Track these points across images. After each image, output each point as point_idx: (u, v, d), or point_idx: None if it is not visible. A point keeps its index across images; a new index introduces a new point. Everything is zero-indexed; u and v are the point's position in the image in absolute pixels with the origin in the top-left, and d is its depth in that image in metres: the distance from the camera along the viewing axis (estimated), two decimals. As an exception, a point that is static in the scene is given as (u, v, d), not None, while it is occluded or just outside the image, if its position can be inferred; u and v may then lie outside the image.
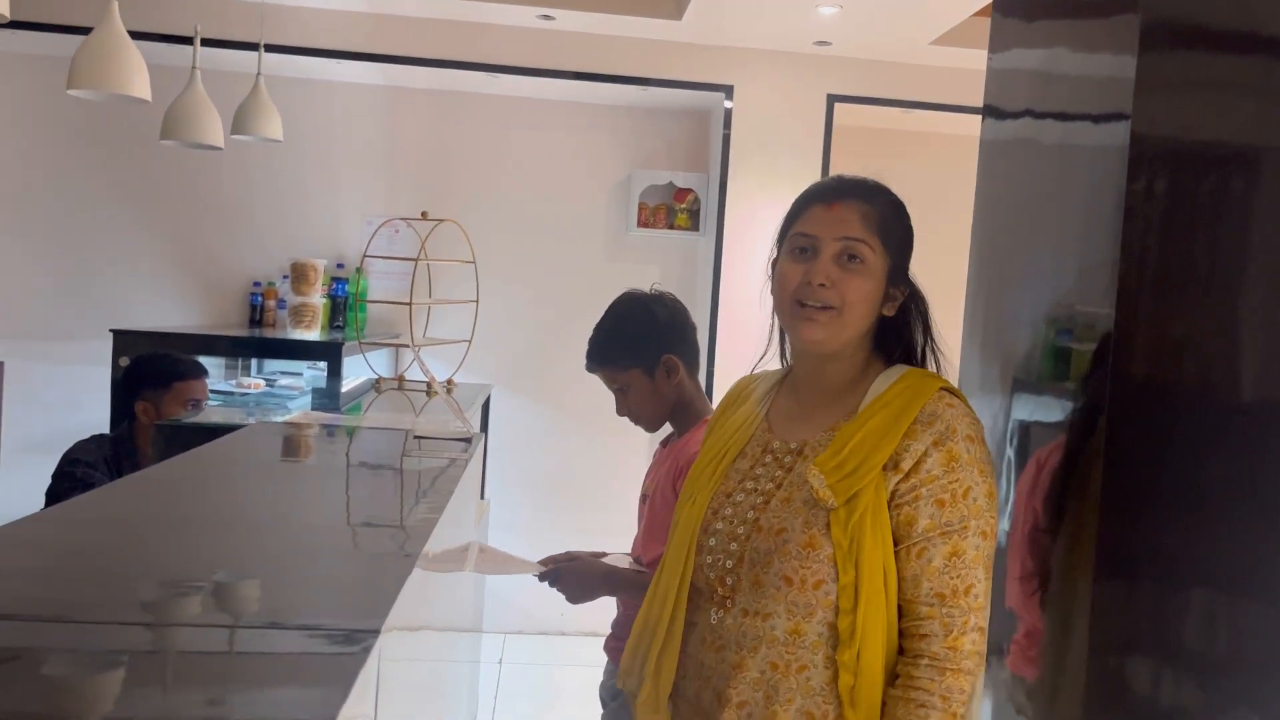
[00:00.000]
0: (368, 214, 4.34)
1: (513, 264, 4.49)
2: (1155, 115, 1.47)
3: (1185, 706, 1.59)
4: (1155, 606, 1.59)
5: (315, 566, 1.23)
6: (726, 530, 1.35)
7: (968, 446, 1.31)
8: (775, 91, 4.25)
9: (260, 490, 1.69)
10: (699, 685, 1.35)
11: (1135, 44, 1.45)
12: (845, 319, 1.35)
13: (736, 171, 4.26)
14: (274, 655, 0.90)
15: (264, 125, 3.30)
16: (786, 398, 1.46)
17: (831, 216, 1.37)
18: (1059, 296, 1.66)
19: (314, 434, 2.21)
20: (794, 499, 1.32)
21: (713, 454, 1.46)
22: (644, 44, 4.17)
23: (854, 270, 1.35)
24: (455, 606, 2.12)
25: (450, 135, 4.50)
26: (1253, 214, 1.56)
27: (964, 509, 1.29)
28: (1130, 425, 1.51)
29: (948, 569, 1.28)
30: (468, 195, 4.46)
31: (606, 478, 4.51)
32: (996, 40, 1.92)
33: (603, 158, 4.58)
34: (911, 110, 4.33)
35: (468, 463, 1.88)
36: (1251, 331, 1.56)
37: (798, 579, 1.27)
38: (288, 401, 3.07)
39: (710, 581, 1.35)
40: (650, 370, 1.98)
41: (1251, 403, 1.57)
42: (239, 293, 4.34)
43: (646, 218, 4.54)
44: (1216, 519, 1.57)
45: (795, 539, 1.28)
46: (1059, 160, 1.69)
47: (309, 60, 4.08)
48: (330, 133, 4.42)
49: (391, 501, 1.67)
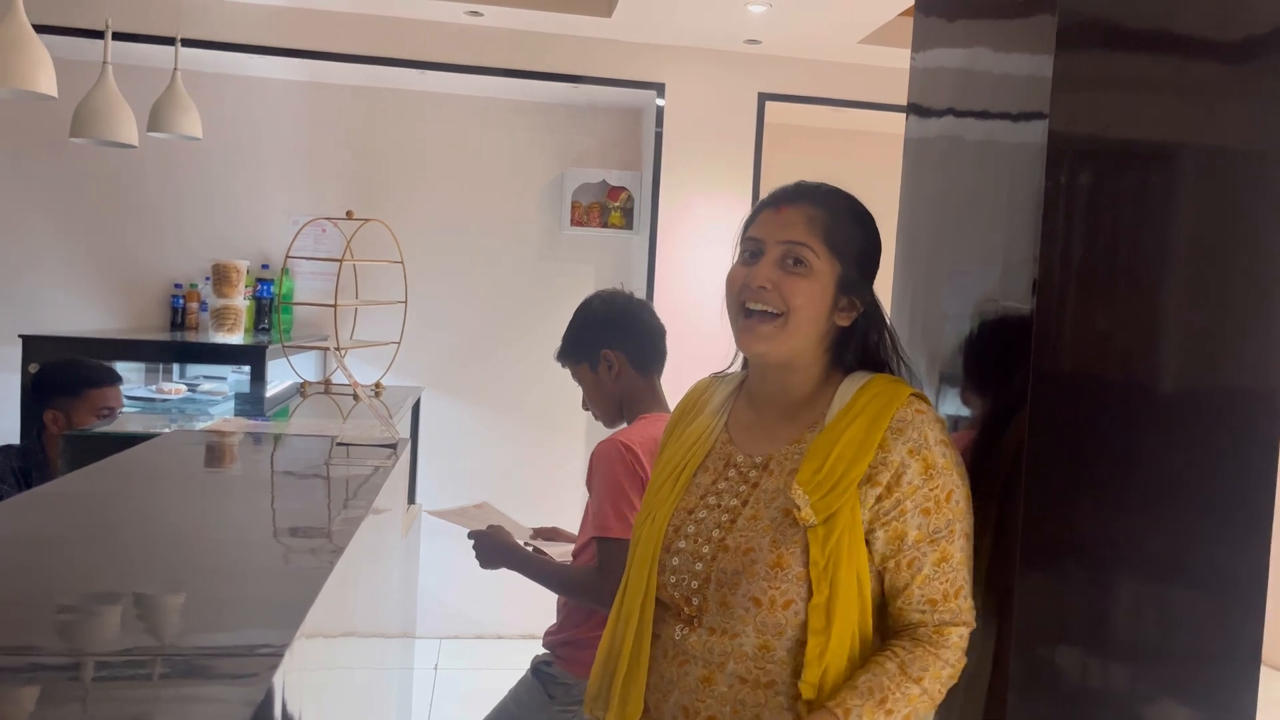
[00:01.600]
0: (293, 213, 4.24)
1: (443, 264, 4.43)
2: (1072, 114, 1.49)
3: (1114, 695, 1.62)
4: (1082, 597, 1.61)
5: (226, 580, 1.19)
6: (690, 549, 1.31)
7: (943, 451, 1.31)
8: (707, 89, 4.25)
9: (170, 501, 1.63)
10: (660, 699, 1.32)
11: (1052, 44, 1.47)
12: (789, 326, 1.31)
13: (669, 169, 4.25)
14: (172, 677, 0.86)
15: (182, 122, 3.20)
16: (746, 407, 1.42)
17: (778, 220, 1.34)
18: (983, 292, 1.67)
19: (230, 441, 2.14)
20: (761, 517, 1.28)
21: (671, 467, 1.41)
22: (574, 41, 4.14)
23: (797, 274, 1.32)
24: (382, 612, 2.07)
25: (378, 133, 4.42)
26: (1172, 210, 1.59)
27: (949, 513, 1.29)
28: (1052, 419, 1.52)
29: (937, 575, 1.28)
30: (396, 194, 4.39)
31: (543, 479, 4.48)
32: (919, 39, 1.93)
33: (534, 156, 4.54)
34: (842, 109, 4.36)
35: (392, 469, 1.84)
36: (1173, 325, 1.59)
37: (766, 600, 1.24)
38: (209, 407, 2.99)
39: (675, 600, 1.32)
40: (593, 364, 2.06)
41: (1174, 394, 1.60)
42: (159, 295, 4.21)
43: (580, 216, 4.51)
44: (1143, 509, 1.59)
45: (763, 559, 1.25)
46: (981, 158, 1.70)
47: (229, 55, 3.97)
48: (253, 130, 4.31)
49: (311, 511, 1.62)
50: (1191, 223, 1.60)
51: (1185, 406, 1.61)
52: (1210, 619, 1.63)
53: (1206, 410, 1.61)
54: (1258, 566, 1.60)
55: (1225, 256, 1.61)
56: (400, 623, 2.56)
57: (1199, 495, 1.61)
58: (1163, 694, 1.62)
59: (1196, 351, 1.62)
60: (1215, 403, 1.62)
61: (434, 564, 4.15)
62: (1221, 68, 1.59)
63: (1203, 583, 1.62)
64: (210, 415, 2.80)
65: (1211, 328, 1.62)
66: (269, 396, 3.07)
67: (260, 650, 0.88)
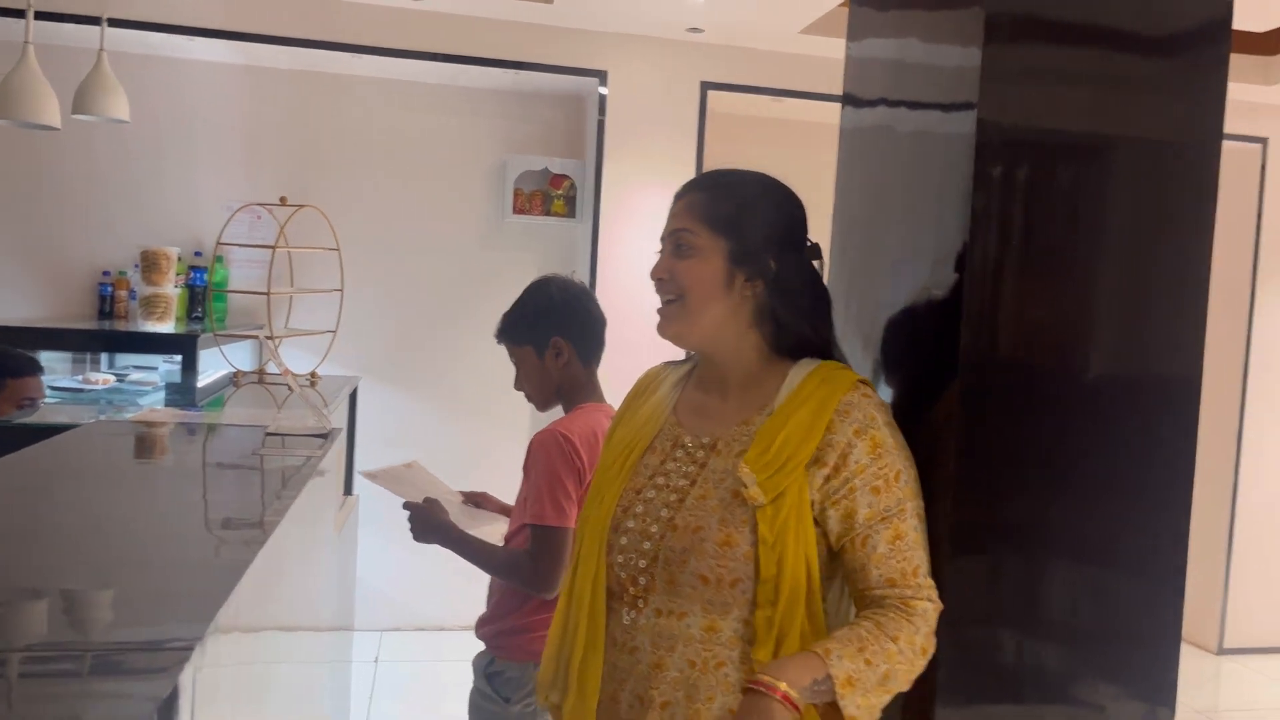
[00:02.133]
0: (227, 200, 4.14)
1: (382, 252, 4.36)
2: (1001, 104, 1.51)
3: (1042, 674, 1.65)
4: (1010, 578, 1.64)
5: (147, 573, 1.16)
6: (639, 529, 1.32)
7: (890, 432, 1.33)
8: (649, 77, 4.24)
9: (94, 493, 1.58)
10: (615, 688, 1.32)
11: (980, 35, 1.48)
12: (687, 306, 1.35)
13: (612, 157, 4.23)
14: (81, 673, 0.84)
15: (108, 104, 3.11)
16: (695, 391, 1.44)
17: (671, 213, 1.40)
18: (916, 281, 1.69)
19: (158, 432, 2.09)
20: (710, 496, 1.30)
21: (620, 448, 1.42)
22: (515, 26, 4.10)
23: (683, 257, 1.36)
24: (314, 605, 2.04)
25: (314, 118, 4.33)
26: (1100, 200, 1.61)
27: (898, 492, 1.31)
28: (981, 406, 1.55)
29: (893, 553, 1.30)
30: (334, 181, 4.31)
31: (482, 468, 4.44)
32: (854, 29, 1.94)
33: (476, 143, 4.49)
34: (783, 98, 4.38)
35: (323, 459, 1.80)
36: (1101, 313, 1.62)
37: (714, 577, 1.25)
38: (138, 398, 2.91)
39: (622, 581, 1.32)
40: (540, 349, 2.07)
41: (1101, 381, 1.63)
42: (87, 283, 4.09)
43: (522, 204, 4.47)
44: (1070, 493, 1.62)
45: (712, 537, 1.26)
46: (913, 148, 1.72)
47: (158, 36, 3.86)
48: (184, 114, 4.20)
49: (237, 502, 1.58)
50: (1119, 213, 1.63)
51: (1111, 393, 1.64)
52: (1134, 599, 1.67)
53: (1132, 396, 1.65)
54: (1178, 547, 1.64)
55: (1150, 246, 1.65)
56: (336, 615, 2.52)
57: (1124, 479, 1.64)
58: (1089, 672, 1.66)
59: (1123, 339, 1.65)
60: (1140, 389, 1.65)
61: (374, 556, 4.10)
62: (1146, 61, 1.62)
63: (1127, 564, 1.66)
64: (139, 406, 2.73)
65: (1137, 316, 1.66)
66: (201, 387, 3.00)
67: (170, 645, 0.85)
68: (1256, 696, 4.46)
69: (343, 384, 3.34)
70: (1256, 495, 4.82)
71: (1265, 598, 4.85)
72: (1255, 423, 4.80)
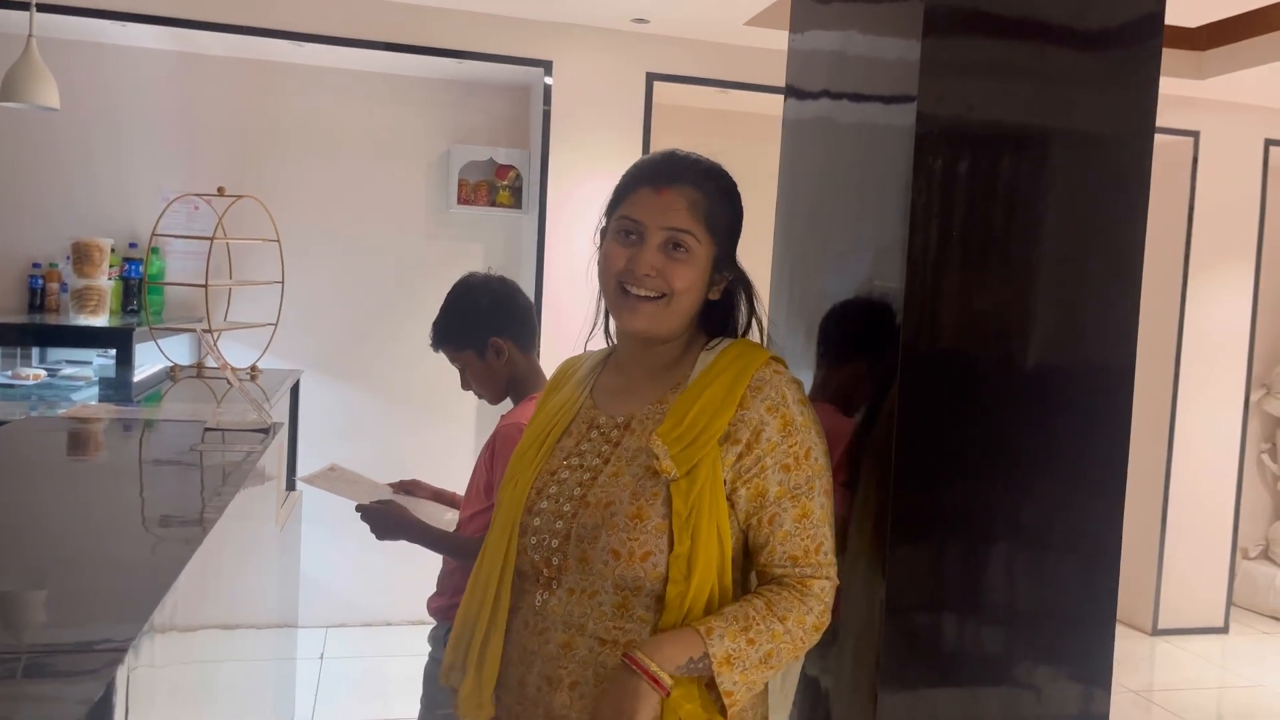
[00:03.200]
0: (163, 190, 4.04)
1: (324, 243, 4.30)
2: (940, 97, 1.53)
3: (983, 657, 1.68)
4: (950, 563, 1.67)
5: (79, 572, 1.13)
6: (551, 509, 1.32)
7: (800, 409, 1.33)
8: (595, 68, 4.23)
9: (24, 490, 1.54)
10: (524, 671, 1.31)
11: (919, 28, 1.50)
12: (672, 308, 1.34)
13: (558, 148, 4.21)
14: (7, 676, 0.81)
15: (37, 91, 3.02)
16: (611, 375, 1.45)
17: (660, 203, 1.34)
18: (858, 271, 1.71)
19: (90, 428, 2.04)
20: (623, 473, 1.30)
21: (536, 434, 1.43)
22: (459, 15, 4.06)
23: (679, 259, 1.34)
24: (255, 602, 2.01)
25: (253, 107, 4.25)
26: (1037, 192, 1.64)
27: (808, 469, 1.31)
28: (921, 393, 1.57)
29: (798, 531, 1.30)
30: (274, 171, 4.23)
31: (428, 461, 4.40)
32: (797, 21, 1.95)
33: (419, 132, 4.43)
34: (729, 90, 4.39)
35: (263, 454, 1.77)
36: (1038, 303, 1.65)
37: (625, 551, 1.25)
38: (71, 393, 2.84)
39: (535, 564, 1.32)
40: (480, 352, 2.12)
41: (1039, 369, 1.66)
42: (16, 275, 3.97)
43: (467, 195, 4.43)
44: (1009, 479, 1.65)
45: (623, 511, 1.26)
46: (855, 140, 1.73)
47: (90, 21, 3.75)
48: (118, 101, 4.09)
49: (173, 499, 1.55)
50: (1055, 204, 1.66)
51: (1048, 381, 1.68)
52: (1072, 581, 1.71)
53: (1068, 384, 1.68)
54: (1113, 531, 1.69)
55: (1085, 237, 1.68)
56: (279, 612, 2.49)
57: (1061, 464, 1.68)
58: (1027, 654, 1.70)
59: (1059, 329, 1.69)
60: (1076, 377, 1.69)
61: (318, 551, 4.05)
62: (1080, 55, 1.65)
63: (1064, 547, 1.70)
64: (72, 401, 2.66)
65: (1074, 305, 1.69)
66: (137, 381, 2.93)
67: (102, 645, 0.83)
68: (1190, 676, 4.59)
69: (284, 378, 3.28)
70: (1188, 480, 4.95)
71: (1197, 579, 4.99)
72: (1186, 410, 4.94)
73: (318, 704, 3.69)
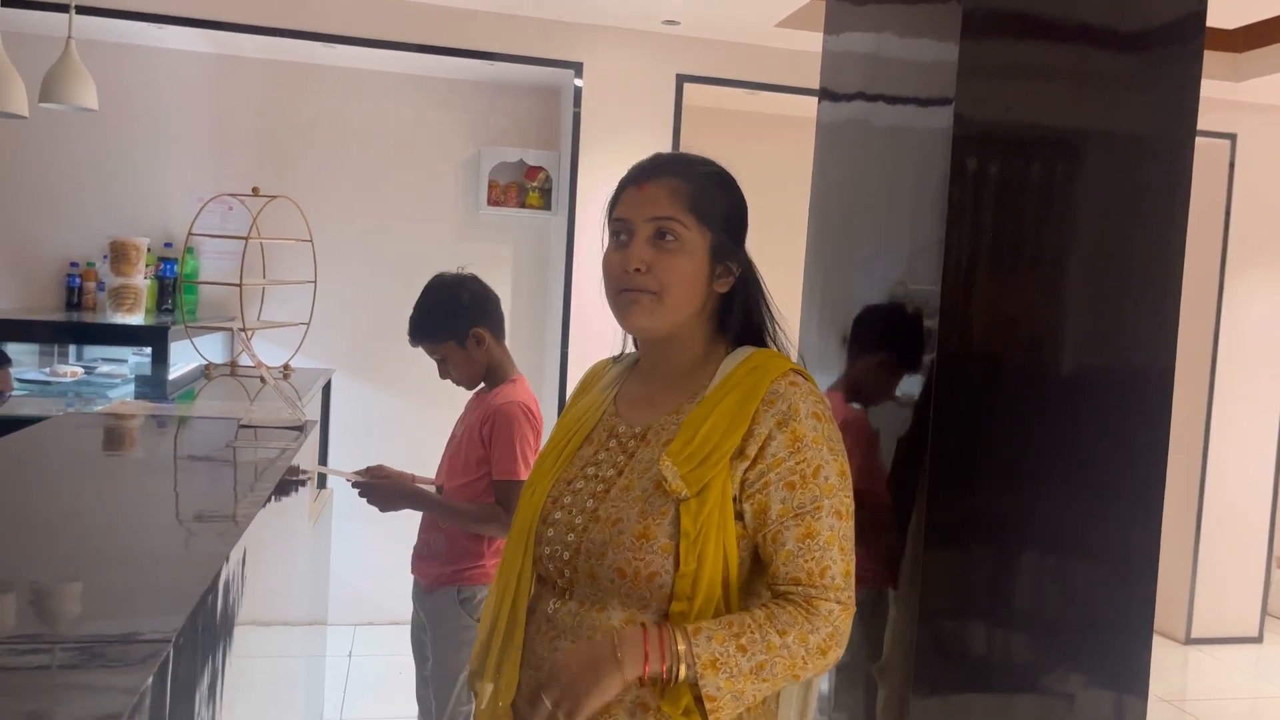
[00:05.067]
0: (198, 190, 4.09)
1: (356, 243, 4.33)
2: (978, 99, 1.52)
3: (1015, 665, 1.67)
4: (984, 570, 1.65)
5: (120, 566, 1.14)
6: (565, 520, 1.30)
7: (814, 425, 1.26)
8: (625, 70, 4.23)
9: (64, 485, 1.56)
10: (535, 677, 1.29)
11: (958, 30, 1.49)
12: (666, 302, 1.30)
13: (588, 150, 4.22)
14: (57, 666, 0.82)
15: (76, 93, 3.06)
16: (635, 382, 1.42)
17: (643, 197, 1.32)
18: (892, 275, 1.70)
19: (128, 424, 2.06)
20: (634, 487, 1.27)
21: (559, 439, 1.40)
22: (490, 17, 4.07)
23: (669, 250, 1.29)
24: (288, 599, 2.02)
25: (287, 109, 4.29)
26: (1075, 194, 1.63)
27: (815, 489, 1.24)
28: (956, 399, 1.56)
29: (801, 552, 1.24)
30: (307, 171, 4.27)
31: (459, 462, 4.42)
32: (831, 23, 1.94)
33: (450, 134, 4.46)
34: (759, 92, 4.38)
35: (298, 451, 1.79)
36: (1075, 307, 1.64)
37: (631, 571, 1.22)
38: (107, 390, 2.87)
39: (549, 572, 1.31)
40: (462, 342, 2.37)
41: (1075, 375, 1.64)
42: (54, 274, 4.03)
43: (497, 196, 4.45)
44: (1044, 486, 1.64)
45: (630, 530, 1.23)
46: (890, 142, 1.72)
47: (128, 24, 3.80)
48: (155, 103, 4.14)
49: (211, 495, 1.57)
50: (1093, 207, 1.64)
51: (1085, 386, 1.66)
52: (1106, 590, 1.69)
53: (1105, 390, 1.66)
54: (1150, 539, 1.66)
55: (1124, 240, 1.66)
56: (310, 609, 2.51)
57: (1097, 471, 1.66)
58: (1061, 663, 1.68)
59: (1096, 333, 1.67)
60: (1113, 382, 1.67)
61: (347, 550, 4.07)
62: (1120, 57, 1.63)
63: (1100, 556, 1.68)
64: (108, 398, 2.70)
65: (1111, 310, 1.67)
66: (172, 379, 2.96)
67: (147, 637, 0.84)
68: (1222, 685, 4.53)
69: (316, 376, 3.31)
70: (1224, 487, 4.89)
71: (1231, 588, 4.92)
72: (1223, 416, 4.87)
73: (346, 701, 3.72)
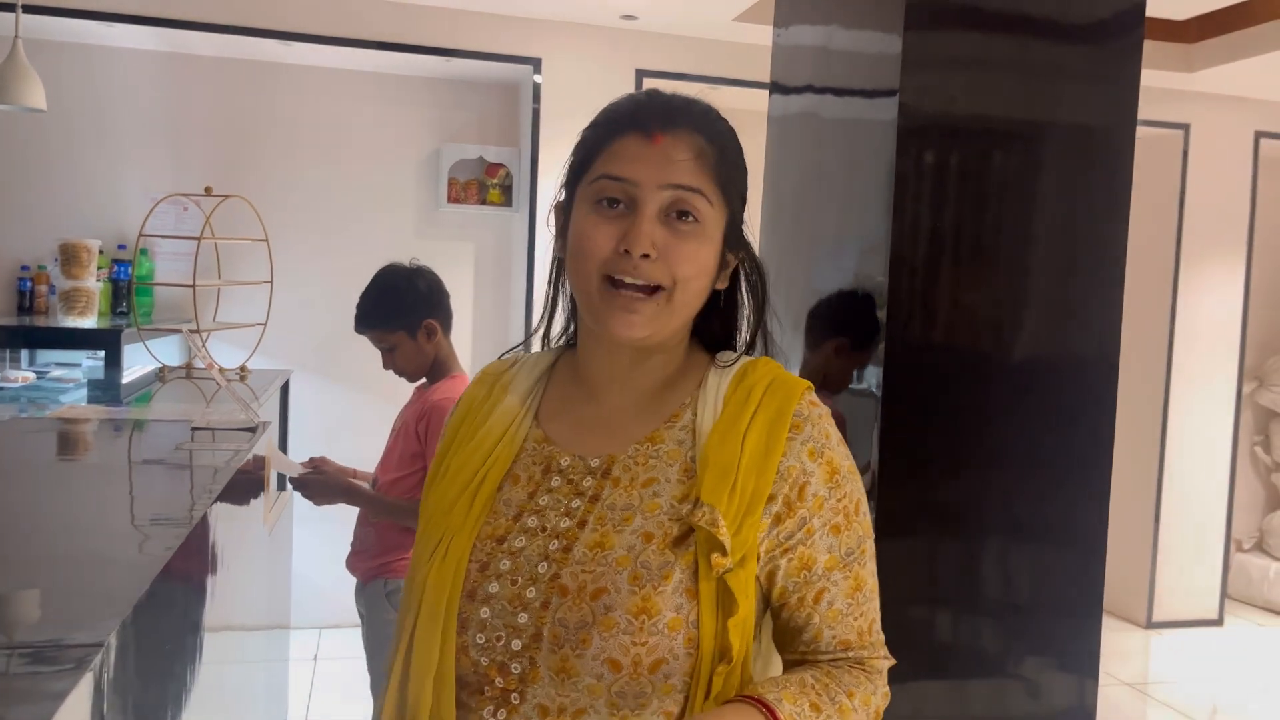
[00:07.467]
0: (152, 191, 4.03)
1: (314, 242, 4.29)
2: (922, 91, 1.53)
3: (976, 652, 1.69)
4: (941, 558, 1.67)
5: (60, 570, 1.12)
6: (507, 595, 0.93)
7: (844, 451, 1.01)
8: (584, 65, 4.22)
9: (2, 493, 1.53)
10: None
11: (901, 22, 1.50)
12: (675, 304, 0.97)
13: (548, 146, 4.20)
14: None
15: (24, 93, 3.01)
16: (567, 394, 1.05)
17: (656, 154, 0.96)
18: (843, 267, 1.71)
19: (78, 429, 2.03)
20: (612, 543, 0.92)
21: (462, 481, 1.00)
22: (448, 13, 4.05)
23: (686, 232, 0.96)
24: (243, 602, 2.00)
25: (242, 107, 4.24)
26: (1022, 186, 1.65)
27: (859, 528, 0.99)
28: (906, 389, 1.57)
29: (851, 609, 0.98)
30: (263, 171, 4.22)
31: (423, 461, 4.40)
32: (781, 16, 1.95)
33: (409, 131, 4.43)
34: (718, 86, 4.39)
35: (250, 453, 1.77)
36: (1023, 296, 1.66)
37: (629, 661, 0.89)
38: (59, 395, 2.83)
39: (483, 669, 0.92)
40: (413, 333, 2.35)
41: (1025, 363, 1.66)
42: (5, 278, 3.95)
43: (457, 193, 4.43)
44: (994, 473, 1.66)
45: (623, 604, 0.89)
46: (839, 135, 1.73)
47: (76, 23, 3.74)
48: (105, 103, 4.08)
49: (157, 498, 1.55)
50: (1041, 197, 1.66)
51: (1033, 374, 1.68)
52: (1057, 572, 1.71)
53: (1052, 376, 1.69)
54: (1099, 521, 1.69)
55: (1070, 230, 1.69)
56: (269, 613, 2.48)
57: (1047, 457, 1.68)
58: (1015, 645, 1.70)
59: (1046, 321, 1.69)
60: (1060, 370, 1.69)
61: (311, 552, 4.04)
62: (1063, 48, 1.65)
63: (1050, 539, 1.71)
64: (60, 403, 2.65)
65: (1058, 298, 1.70)
66: (126, 383, 2.92)
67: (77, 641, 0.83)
68: (1183, 669, 4.60)
69: (274, 377, 3.27)
70: (1181, 472, 4.97)
71: (1191, 572, 5.01)
72: (1179, 403, 4.95)
73: (311, 705, 3.68)
